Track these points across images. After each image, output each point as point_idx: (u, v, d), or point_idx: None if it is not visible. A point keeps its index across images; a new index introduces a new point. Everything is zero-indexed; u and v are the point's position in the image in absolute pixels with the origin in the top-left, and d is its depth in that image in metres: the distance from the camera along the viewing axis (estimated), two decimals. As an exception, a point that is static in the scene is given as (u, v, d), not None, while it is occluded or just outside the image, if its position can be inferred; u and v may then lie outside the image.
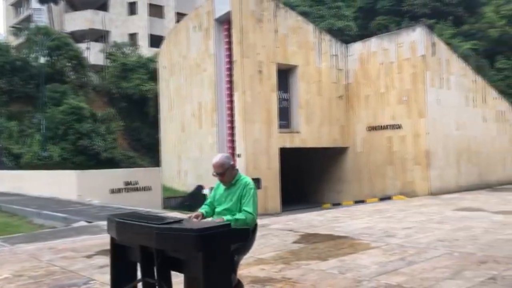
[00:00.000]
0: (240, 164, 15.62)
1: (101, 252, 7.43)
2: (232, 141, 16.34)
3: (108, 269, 6.19)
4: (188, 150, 19.69)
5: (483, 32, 40.71)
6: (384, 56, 16.87)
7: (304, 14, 22.05)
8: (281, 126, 16.46)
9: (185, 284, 4.17)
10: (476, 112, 17.97)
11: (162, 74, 23.56)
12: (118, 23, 42.43)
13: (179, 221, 3.80)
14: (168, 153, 22.51)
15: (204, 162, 18.02)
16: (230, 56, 16.40)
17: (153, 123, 30.25)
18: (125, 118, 31.53)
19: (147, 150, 31.35)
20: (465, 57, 22.40)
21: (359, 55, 17.74)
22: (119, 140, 30.37)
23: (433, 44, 16.11)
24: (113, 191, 16.35)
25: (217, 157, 4.34)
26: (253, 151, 15.46)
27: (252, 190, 4.23)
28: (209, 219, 4.29)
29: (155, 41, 43.63)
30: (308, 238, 8.08)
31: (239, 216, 4.14)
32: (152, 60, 34.30)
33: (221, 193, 4.40)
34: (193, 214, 4.35)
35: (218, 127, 16.95)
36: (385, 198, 15.69)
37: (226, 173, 4.30)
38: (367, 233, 8.44)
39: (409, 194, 15.67)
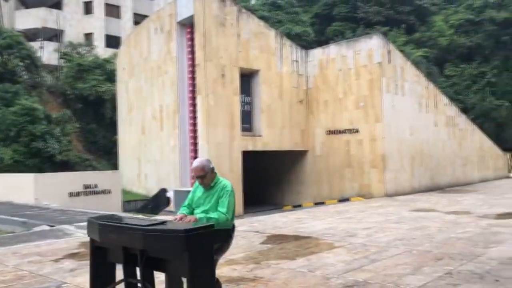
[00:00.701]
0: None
1: (69, 256, 7.38)
2: (195, 144, 16.39)
3: (79, 272, 6.27)
4: (149, 153, 19.55)
5: (433, 40, 42.71)
6: (343, 63, 17.46)
7: (262, 18, 22.34)
8: (243, 130, 16.68)
9: (166, 284, 4.29)
10: (428, 117, 18.90)
11: (121, 76, 23.25)
12: (73, 22, 41.37)
13: (163, 222, 3.95)
14: (127, 156, 22.22)
15: (165, 165, 17.98)
16: (192, 59, 16.47)
17: (110, 125, 29.69)
18: (81, 119, 30.78)
19: (103, 152, 30.73)
20: (416, 64, 23.44)
21: (319, 61, 18.27)
22: (74, 142, 29.62)
23: (389, 52, 16.85)
24: (71, 195, 16.02)
25: (198, 161, 4.51)
26: (216, 154, 15.57)
27: (229, 192, 4.44)
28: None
29: (112, 41, 42.81)
30: (275, 239, 8.33)
31: (212, 215, 4.33)
32: (109, 61, 33.66)
33: (200, 195, 4.57)
34: (178, 216, 4.49)
35: (180, 130, 16.95)
36: (343, 199, 16.23)
37: (206, 176, 4.46)
38: (330, 233, 8.79)
39: (366, 195, 16.27)
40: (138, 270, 4.04)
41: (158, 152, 18.54)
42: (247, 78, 17.20)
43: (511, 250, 6.85)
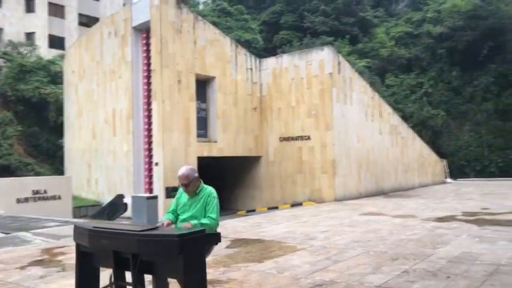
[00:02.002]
0: (158, 173, 15.76)
1: (34, 263, 7.31)
2: (149, 150, 16.38)
3: (51, 279, 6.30)
4: (100, 158, 19.22)
5: (375, 51, 44.73)
6: (295, 72, 18.11)
7: (212, 24, 22.67)
8: (199, 136, 16.87)
9: (153, 285, 4.51)
10: (373, 126, 19.96)
11: (70, 79, 22.68)
12: (13, 20, 39.65)
13: (156, 227, 4.17)
14: (76, 161, 21.68)
15: (117, 170, 17.78)
16: (148, 64, 16.47)
17: (54, 129, 28.76)
18: (22, 122, 29.56)
19: (46, 156, 29.66)
20: (360, 74, 24.62)
21: (272, 70, 18.82)
22: (15, 146, 28.41)
23: (339, 63, 17.68)
24: (19, 201, 15.51)
25: (183, 170, 4.77)
26: (171, 159, 15.66)
27: (215, 199, 4.75)
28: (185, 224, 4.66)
29: (56, 42, 41.41)
30: (239, 243, 8.63)
31: (205, 221, 4.62)
32: (54, 62, 32.61)
33: (185, 202, 4.83)
34: (165, 222, 4.73)
35: (134, 135, 16.86)
36: (296, 204, 16.80)
37: (191, 184, 4.73)
38: (291, 237, 9.22)
39: (317, 200, 16.94)
40: (126, 273, 4.25)
41: (110, 157, 18.30)
42: (203, 85, 17.43)
43: (456, 250, 7.54)
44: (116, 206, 14.31)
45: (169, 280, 4.57)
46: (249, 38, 42.05)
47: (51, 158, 28.60)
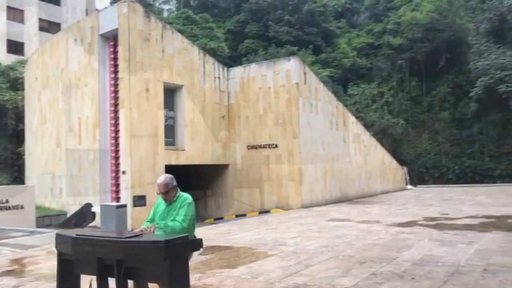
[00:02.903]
0: (125, 181, 15.66)
1: (5, 273, 7.23)
2: (116, 158, 16.24)
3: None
4: (65, 167, 18.86)
5: (338, 61, 45.88)
6: (263, 82, 18.44)
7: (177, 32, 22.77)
8: (167, 144, 16.87)
9: (134, 289, 4.63)
10: (338, 134, 20.52)
11: (33, 85, 22.18)
12: (-31, 24, 38.38)
13: (140, 234, 4.30)
14: (39, 170, 21.16)
15: (83, 179, 17.50)
16: (115, 72, 16.38)
17: (13, 136, 27.98)
18: (-22, 129, 28.62)
19: (4, 165, 28.77)
20: (323, 83, 25.28)
21: (240, 79, 19.09)
22: (-30, 153, 27.47)
23: (305, 74, 18.15)
24: (-21, 211, 15.06)
25: (162, 178, 4.94)
26: (139, 168, 15.61)
27: (188, 204, 4.91)
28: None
29: (15, 47, 40.33)
30: (211, 250, 8.77)
31: (170, 223, 4.80)
32: (14, 68, 31.75)
33: (163, 209, 4.98)
34: (139, 230, 4.86)
35: (100, 143, 16.68)
36: (264, 211, 17.04)
37: (169, 192, 4.90)
38: (262, 243, 9.44)
39: (284, 207, 17.25)
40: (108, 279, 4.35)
41: (76, 165, 18.00)
42: (171, 93, 17.47)
43: (419, 253, 7.95)
44: (83, 215, 14.11)
45: (149, 284, 4.70)
46: (214, 47, 42.24)
47: (11, 167, 27.77)
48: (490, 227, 10.61)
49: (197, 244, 4.47)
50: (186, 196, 4.97)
